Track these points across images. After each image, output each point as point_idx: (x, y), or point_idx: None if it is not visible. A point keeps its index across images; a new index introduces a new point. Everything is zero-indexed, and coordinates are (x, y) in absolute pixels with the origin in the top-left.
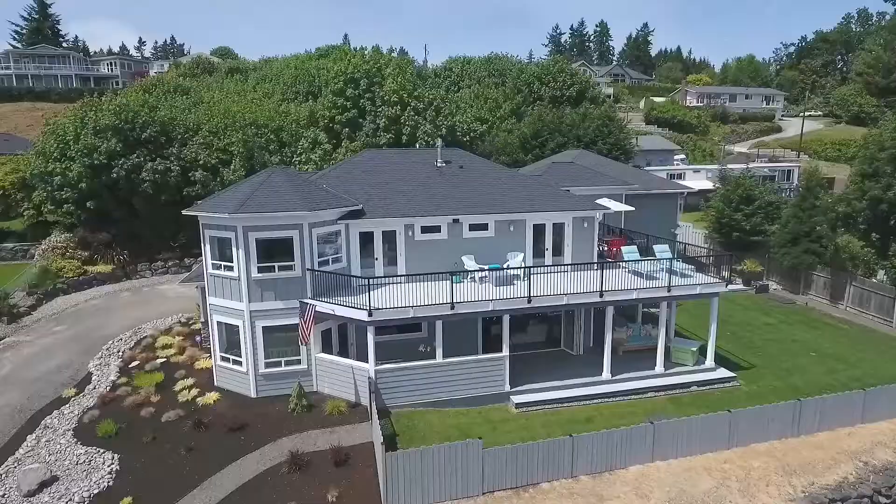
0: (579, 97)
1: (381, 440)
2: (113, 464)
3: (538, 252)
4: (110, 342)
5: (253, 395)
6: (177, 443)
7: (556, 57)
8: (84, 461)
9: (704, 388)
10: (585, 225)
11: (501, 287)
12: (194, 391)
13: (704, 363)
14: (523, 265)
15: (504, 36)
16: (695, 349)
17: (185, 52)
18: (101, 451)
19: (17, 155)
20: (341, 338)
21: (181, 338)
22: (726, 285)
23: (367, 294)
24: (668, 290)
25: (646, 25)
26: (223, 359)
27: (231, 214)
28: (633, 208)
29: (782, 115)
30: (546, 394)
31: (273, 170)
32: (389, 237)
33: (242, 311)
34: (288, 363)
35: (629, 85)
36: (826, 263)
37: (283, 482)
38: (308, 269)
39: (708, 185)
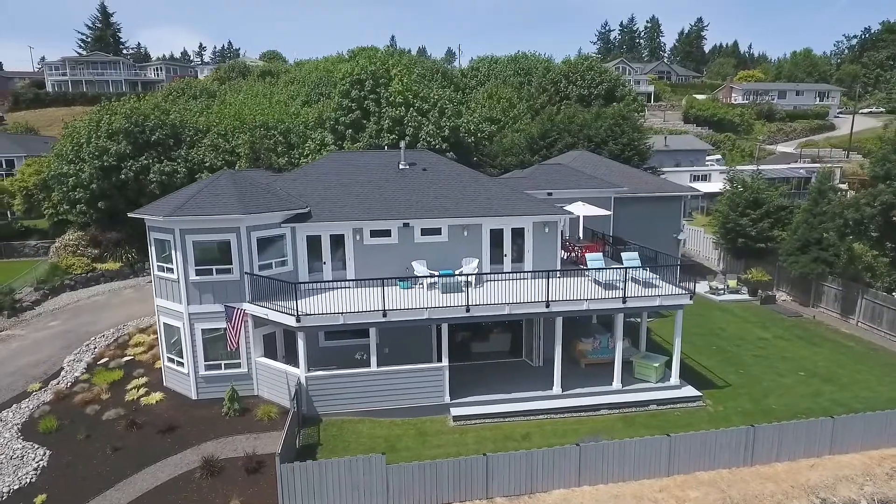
0: (608, 95)
1: (279, 450)
2: (42, 460)
3: (496, 258)
4: (92, 338)
5: (193, 396)
6: (107, 442)
7: (585, 55)
8: (18, 456)
9: (665, 406)
10: (547, 230)
11: (449, 294)
12: (143, 390)
13: (670, 380)
14: (476, 272)
15: (553, 34)
16: (658, 364)
17: (239, 56)
18: (37, 446)
19: (42, 157)
20: (289, 343)
21: (155, 336)
22: (690, 297)
23: (294, 299)
24: (624, 302)
25: (700, 20)
26: (169, 360)
27: (165, 217)
28: (609, 212)
29: (838, 112)
30: (487, 407)
31: (222, 173)
32: (338, 241)
33: (182, 312)
34: (228, 366)
35: (674, 82)
36: (838, 274)
37: (193, 487)
38: (246, 273)
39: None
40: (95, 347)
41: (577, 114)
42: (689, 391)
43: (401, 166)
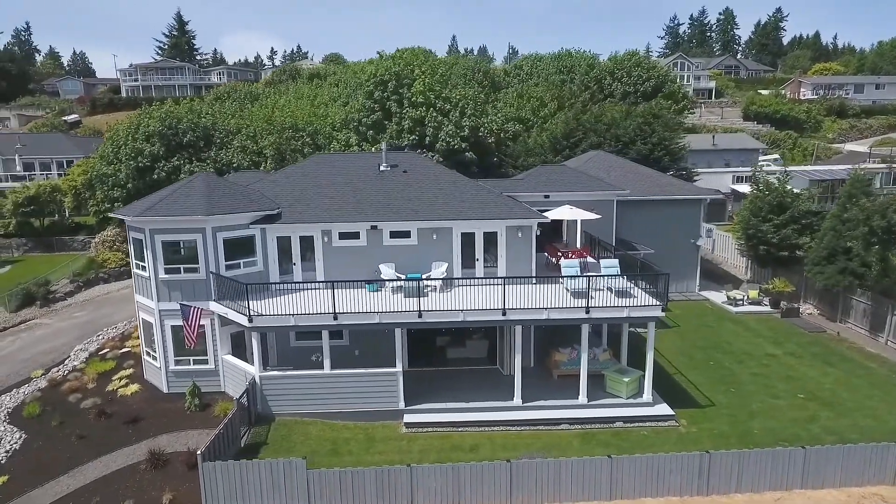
0: (655, 92)
1: (202, 449)
2: (16, 443)
3: (468, 262)
4: (104, 330)
5: (165, 390)
6: (76, 429)
7: (632, 51)
8: None
9: (633, 424)
10: (520, 235)
11: (412, 299)
12: (123, 382)
13: (643, 396)
14: (444, 276)
15: (619, 30)
16: (629, 379)
17: (306, 59)
18: (16, 430)
19: (90, 158)
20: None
21: None
22: (662, 309)
23: (246, 299)
24: (587, 312)
25: (779, 10)
26: (147, 354)
27: (135, 217)
28: (599, 216)
29: None
30: (441, 415)
31: (199, 175)
32: (307, 243)
33: (153, 309)
34: (196, 362)
35: (742, 78)
36: (868, 287)
37: (136, 478)
38: (211, 273)
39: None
40: (103, 338)
41: (605, 112)
42: (662, 409)
43: (381, 168)
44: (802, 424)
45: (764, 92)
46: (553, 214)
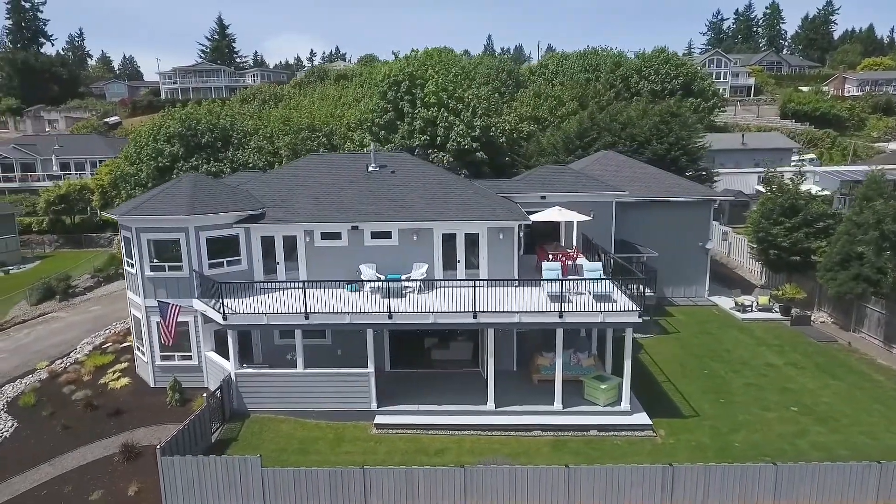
0: (684, 90)
1: (161, 443)
2: (7, 432)
3: (449, 264)
4: (113, 324)
5: (152, 384)
6: (63, 419)
7: (661, 47)
8: None
9: (608, 433)
10: (501, 236)
11: (389, 300)
12: (116, 375)
13: (621, 404)
14: (424, 277)
15: (663, 27)
16: (606, 386)
17: (344, 60)
18: (9, 419)
19: (116, 158)
20: (244, 340)
21: None
22: (638, 315)
23: (220, 298)
24: (560, 317)
25: (829, 4)
26: (137, 348)
27: (121, 216)
28: (589, 217)
29: None
30: (413, 417)
31: (189, 174)
32: (290, 242)
33: (141, 305)
34: (181, 358)
35: (785, 74)
36: (884, 295)
37: (109, 469)
38: (194, 271)
39: (814, 189)
40: (110, 333)
41: (621, 111)
42: (640, 419)
43: (370, 168)
44: (790, 439)
45: (804, 89)
46: (540, 216)
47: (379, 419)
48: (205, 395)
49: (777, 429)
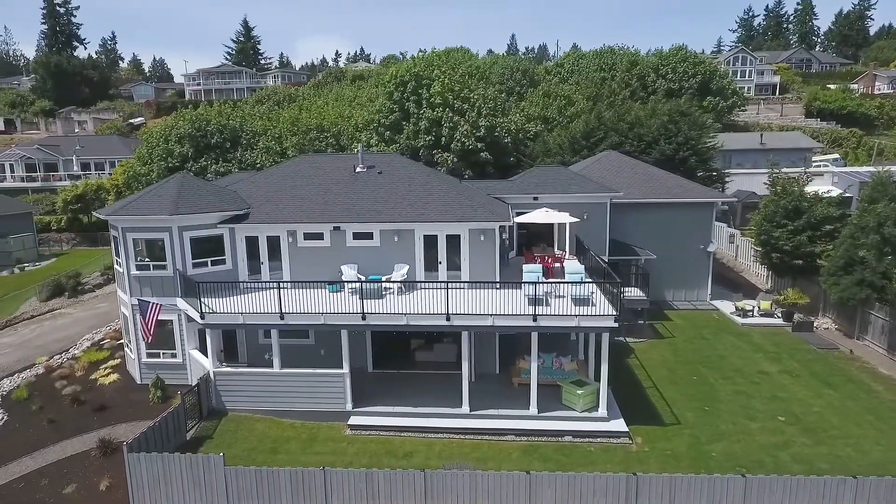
0: (702, 88)
1: (129, 440)
2: None
3: (430, 265)
4: (115, 321)
5: (138, 380)
6: (50, 413)
7: (679, 45)
8: None
9: (583, 440)
10: (482, 238)
11: (368, 300)
12: (107, 371)
13: (598, 410)
14: (405, 278)
15: (688, 25)
16: (582, 391)
17: (367, 61)
18: (0, 412)
19: (130, 158)
20: (230, 339)
21: None
22: (614, 320)
23: (198, 298)
24: (534, 320)
25: None
26: (126, 345)
27: (107, 216)
28: (578, 219)
29: None
30: (386, 419)
31: (177, 175)
32: (274, 242)
33: (128, 303)
34: (166, 355)
35: (814, 71)
36: (888, 300)
37: (86, 464)
38: (177, 270)
39: (835, 190)
40: (109, 329)
41: (629, 111)
42: (617, 425)
43: (357, 169)
44: (771, 450)
45: (832, 87)
46: (526, 218)
47: (353, 420)
48: (180, 392)
49: (759, 439)
